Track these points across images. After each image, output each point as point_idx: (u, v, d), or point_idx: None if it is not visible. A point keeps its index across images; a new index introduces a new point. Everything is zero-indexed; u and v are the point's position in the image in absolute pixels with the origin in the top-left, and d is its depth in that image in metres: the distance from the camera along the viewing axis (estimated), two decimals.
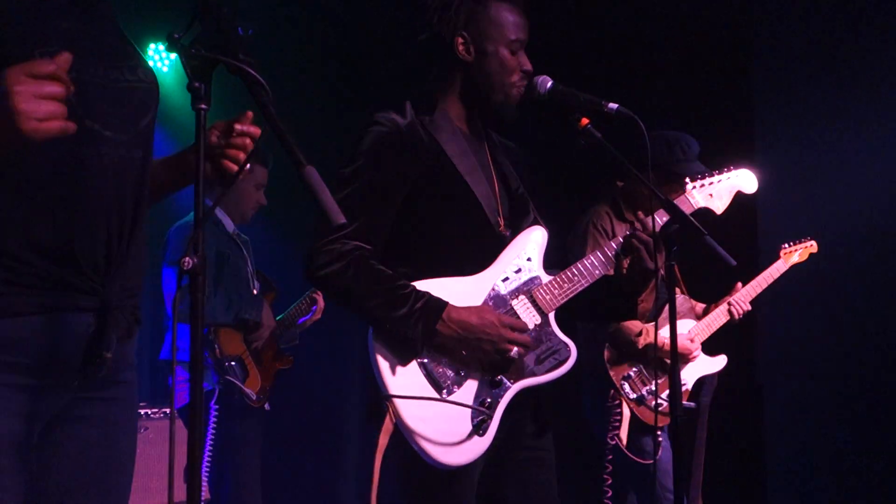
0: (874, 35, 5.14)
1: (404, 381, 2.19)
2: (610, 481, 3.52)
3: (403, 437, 2.17)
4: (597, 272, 2.41)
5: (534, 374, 2.30)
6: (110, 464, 1.69)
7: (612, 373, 3.61)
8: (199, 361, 1.36)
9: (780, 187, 4.99)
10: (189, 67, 1.37)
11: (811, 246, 4.24)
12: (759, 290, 4.04)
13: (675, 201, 2.45)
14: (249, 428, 4.10)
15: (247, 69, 1.34)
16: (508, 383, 2.27)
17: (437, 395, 2.20)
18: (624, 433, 3.55)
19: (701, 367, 3.82)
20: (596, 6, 5.59)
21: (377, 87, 5.72)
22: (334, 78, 6.10)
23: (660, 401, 3.58)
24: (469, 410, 2.21)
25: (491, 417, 2.22)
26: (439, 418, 2.18)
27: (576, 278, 2.38)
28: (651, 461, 3.52)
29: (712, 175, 3.01)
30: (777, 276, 4.10)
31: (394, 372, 2.19)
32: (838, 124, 5.19)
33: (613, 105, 2.34)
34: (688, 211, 2.61)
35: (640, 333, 3.60)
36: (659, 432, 3.55)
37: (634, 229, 2.41)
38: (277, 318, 4.34)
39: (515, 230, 2.41)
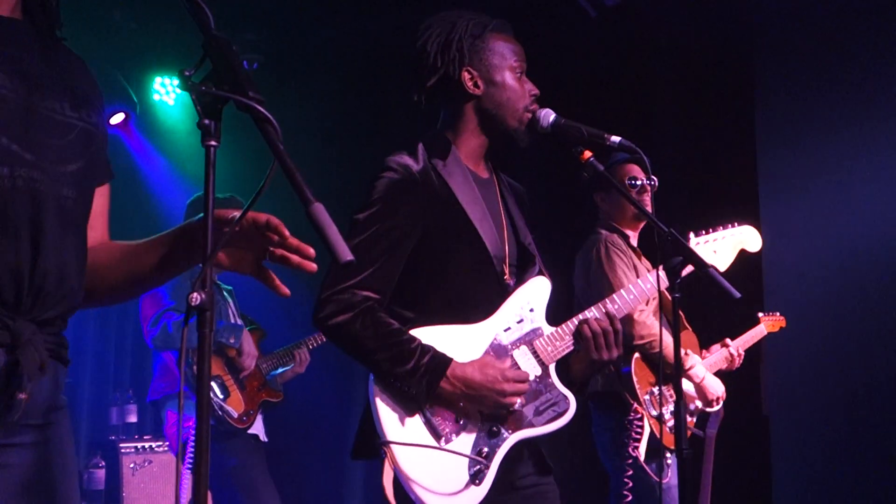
0: (880, 78, 5.18)
1: (402, 427, 2.19)
2: (630, 498, 3.50)
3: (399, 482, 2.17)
4: None
5: (532, 426, 2.30)
6: None
7: (637, 386, 3.59)
8: (206, 397, 1.35)
9: (783, 217, 5.02)
10: (199, 105, 1.36)
11: (780, 320, 4.47)
12: (745, 348, 4.14)
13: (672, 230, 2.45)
14: (238, 451, 4.06)
15: (256, 106, 1.33)
16: (506, 433, 2.26)
17: (435, 444, 2.19)
18: (643, 448, 3.53)
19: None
20: (601, 60, 5.64)
21: (386, 123, 5.75)
22: (344, 114, 6.14)
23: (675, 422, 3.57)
24: (466, 460, 2.20)
25: (488, 468, 2.21)
26: (436, 466, 2.18)
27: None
28: (664, 480, 3.51)
29: (716, 231, 3.01)
30: (758, 339, 4.29)
31: (393, 418, 2.19)
32: (842, 152, 5.24)
33: (616, 138, 2.36)
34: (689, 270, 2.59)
35: (686, 353, 3.61)
36: (670, 455, 3.55)
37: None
38: (267, 354, 4.39)
39: (519, 280, 2.41)
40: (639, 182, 3.78)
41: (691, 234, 3.04)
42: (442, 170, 2.35)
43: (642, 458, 3.51)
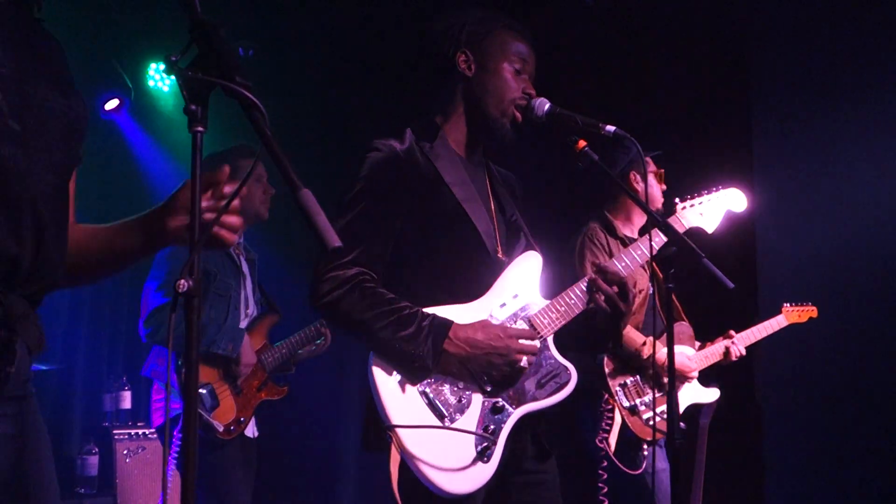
0: (872, 55, 5.17)
1: (406, 409, 2.18)
2: (605, 489, 3.51)
3: (407, 465, 2.16)
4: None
5: (535, 399, 2.29)
6: (27, 478, 1.59)
7: (609, 380, 3.62)
8: (194, 388, 1.33)
9: (778, 208, 5.02)
10: (186, 90, 1.35)
11: (812, 311, 4.38)
12: (755, 340, 4.12)
13: (666, 221, 2.46)
14: (226, 458, 3.73)
15: (242, 92, 1.33)
16: (511, 409, 2.26)
17: (439, 424, 2.18)
18: (613, 439, 3.55)
19: (694, 393, 3.84)
20: (595, 28, 5.62)
21: (376, 111, 5.73)
22: (334, 100, 6.12)
23: (652, 414, 3.58)
24: (472, 437, 2.20)
25: (495, 444, 2.21)
26: (442, 446, 2.17)
27: (572, 302, 2.37)
28: (637, 472, 3.53)
29: (702, 195, 3.05)
30: (776, 330, 4.21)
31: (395, 401, 2.18)
32: (836, 144, 5.23)
33: (611, 127, 2.35)
34: (680, 230, 2.63)
35: (643, 343, 3.62)
36: (648, 447, 3.56)
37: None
38: (276, 343, 4.04)
39: (512, 257, 2.41)
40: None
41: (677, 200, 3.06)
42: (428, 151, 2.36)
43: (612, 449, 3.52)
